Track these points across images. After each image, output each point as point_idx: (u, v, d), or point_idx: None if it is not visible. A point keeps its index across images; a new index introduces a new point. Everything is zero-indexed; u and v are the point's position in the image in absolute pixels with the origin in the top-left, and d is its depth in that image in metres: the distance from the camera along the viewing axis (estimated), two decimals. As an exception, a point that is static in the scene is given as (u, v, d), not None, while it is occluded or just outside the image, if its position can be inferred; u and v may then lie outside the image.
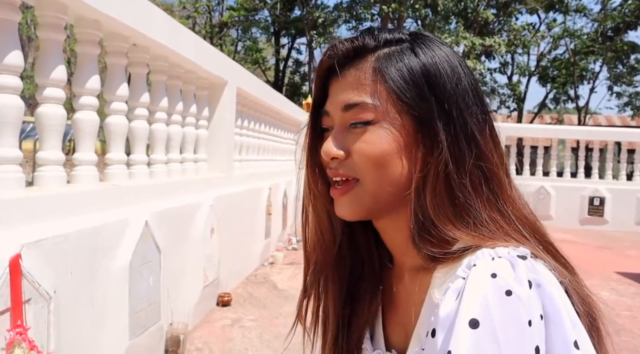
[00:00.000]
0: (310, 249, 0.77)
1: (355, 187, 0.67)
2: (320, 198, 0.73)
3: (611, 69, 21.35)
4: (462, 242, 0.61)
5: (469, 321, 0.52)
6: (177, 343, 3.12)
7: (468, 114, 0.65)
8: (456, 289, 0.56)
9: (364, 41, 0.67)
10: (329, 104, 0.69)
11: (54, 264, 2.02)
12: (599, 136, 10.71)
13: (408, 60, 0.65)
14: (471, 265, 0.57)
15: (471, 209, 0.62)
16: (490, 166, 0.65)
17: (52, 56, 2.39)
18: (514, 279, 0.53)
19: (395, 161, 0.64)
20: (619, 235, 9.36)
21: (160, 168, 3.51)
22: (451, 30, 18.02)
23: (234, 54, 21.81)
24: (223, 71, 4.50)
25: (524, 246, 0.59)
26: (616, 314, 4.52)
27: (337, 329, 0.79)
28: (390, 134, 0.64)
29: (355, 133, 0.66)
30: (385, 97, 0.64)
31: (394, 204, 0.67)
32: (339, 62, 0.68)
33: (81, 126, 2.65)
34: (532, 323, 0.51)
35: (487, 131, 0.67)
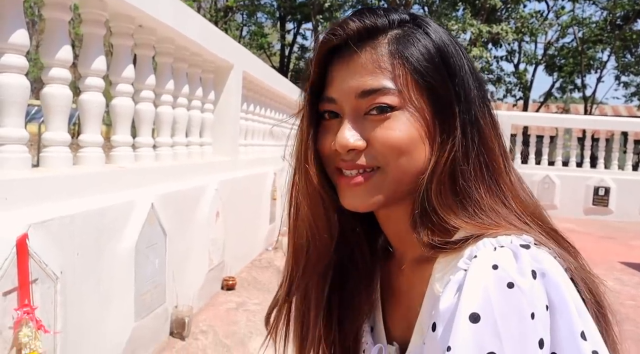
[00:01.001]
0: (301, 248, 0.70)
1: (375, 176, 0.63)
2: (317, 192, 0.67)
3: (619, 58, 21.11)
4: (463, 230, 0.59)
5: (470, 315, 0.50)
6: (182, 326, 3.13)
7: (472, 98, 0.63)
8: (457, 281, 0.54)
9: (376, 20, 0.63)
10: (335, 90, 0.64)
11: (60, 245, 2.02)
12: (605, 126, 10.62)
13: (424, 41, 0.63)
14: (472, 256, 0.55)
15: (472, 197, 0.61)
16: (491, 152, 0.63)
17: (58, 36, 2.36)
18: (516, 271, 0.51)
19: (419, 148, 0.62)
20: (624, 225, 9.33)
21: (166, 151, 3.50)
22: (458, 17, 17.82)
23: (239, 38, 21.66)
24: (229, 55, 4.46)
25: (527, 233, 0.57)
26: (620, 303, 4.52)
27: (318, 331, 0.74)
28: (414, 119, 0.61)
29: (374, 121, 0.62)
30: (407, 81, 0.61)
31: (407, 191, 0.64)
32: (347, 43, 0.63)
33: (87, 108, 2.63)
34: (535, 315, 0.50)
35: (488, 116, 0.65)
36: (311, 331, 0.74)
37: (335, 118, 0.65)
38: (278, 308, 0.74)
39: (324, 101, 0.66)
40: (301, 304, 0.74)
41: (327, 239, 0.69)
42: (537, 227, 0.60)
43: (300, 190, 0.68)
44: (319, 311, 0.74)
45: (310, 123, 0.67)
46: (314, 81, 0.66)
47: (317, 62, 0.66)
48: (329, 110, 0.65)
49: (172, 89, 3.53)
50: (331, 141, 0.64)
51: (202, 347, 3.12)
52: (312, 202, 0.67)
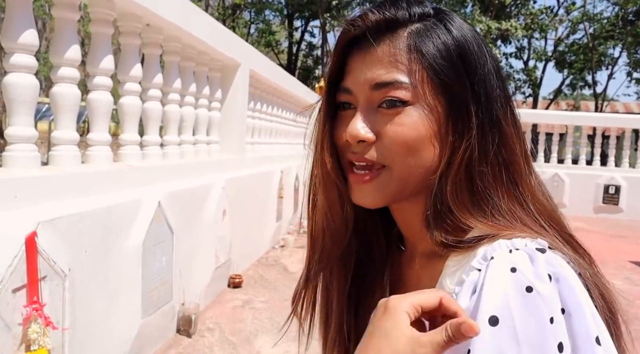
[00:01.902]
0: (317, 235, 0.71)
1: (381, 174, 0.62)
2: (332, 182, 0.67)
3: (631, 54, 20.83)
4: (476, 230, 0.59)
5: (489, 318, 0.50)
6: (188, 323, 3.16)
7: (493, 98, 0.62)
8: (472, 282, 0.54)
9: (396, 13, 0.62)
10: (351, 81, 0.64)
11: (68, 243, 2.05)
12: (616, 123, 10.51)
13: (444, 37, 0.62)
14: (487, 257, 0.54)
15: (490, 198, 0.60)
16: (511, 153, 0.62)
17: (67, 35, 2.39)
18: (534, 275, 0.51)
19: (428, 146, 0.61)
20: (634, 224, 9.24)
21: (173, 149, 3.52)
22: (467, 13, 17.71)
23: (247, 36, 21.67)
24: (236, 53, 4.47)
25: (541, 237, 0.56)
26: (629, 303, 4.48)
27: (342, 319, 0.75)
28: (425, 117, 0.60)
29: (386, 114, 0.61)
30: (422, 77, 0.60)
31: (418, 189, 0.64)
32: (365, 34, 0.62)
33: (95, 106, 2.66)
34: (555, 319, 0.50)
35: (510, 116, 0.64)
36: (334, 319, 0.76)
37: (350, 109, 0.65)
38: (299, 293, 0.75)
39: (341, 90, 0.66)
40: (325, 290, 0.76)
41: (341, 228, 0.69)
42: (553, 231, 0.59)
43: (317, 180, 0.69)
44: (342, 300, 0.75)
45: (327, 113, 0.67)
46: (333, 71, 0.66)
47: (336, 53, 0.66)
48: (344, 100, 0.66)
49: (179, 88, 3.55)
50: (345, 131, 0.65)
51: (209, 344, 3.14)
52: (327, 192, 0.68)
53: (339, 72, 0.66)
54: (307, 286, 0.74)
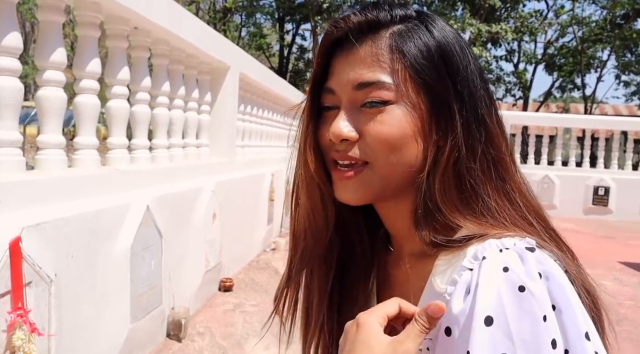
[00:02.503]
0: (299, 234, 0.72)
1: (364, 170, 0.64)
2: (314, 181, 0.68)
3: (619, 57, 21.07)
4: (465, 229, 0.59)
5: (485, 319, 0.51)
6: (178, 327, 3.14)
7: (477, 98, 0.63)
8: (465, 282, 0.54)
9: (378, 15, 0.64)
10: (334, 82, 0.65)
11: (54, 248, 2.02)
12: (605, 125, 10.61)
13: (425, 38, 0.63)
14: (478, 256, 0.55)
15: (478, 195, 0.61)
16: (498, 151, 0.64)
17: (52, 38, 2.37)
18: (525, 274, 0.52)
19: (411, 144, 0.62)
20: (623, 225, 9.32)
21: (162, 153, 3.50)
22: (457, 16, 17.82)
23: (238, 39, 21.65)
24: (225, 56, 4.46)
25: (529, 235, 0.57)
26: (618, 303, 4.51)
27: (323, 318, 0.76)
28: (408, 115, 0.61)
29: (368, 113, 0.62)
30: (404, 76, 0.61)
31: (402, 187, 0.64)
32: (348, 36, 0.64)
33: (82, 110, 2.64)
34: (547, 317, 0.51)
35: (494, 116, 0.65)
36: (314, 317, 0.76)
37: (334, 109, 0.66)
38: (281, 292, 0.76)
39: (324, 91, 0.67)
40: (306, 289, 0.77)
41: (322, 227, 0.70)
42: (540, 228, 0.61)
43: (300, 179, 0.70)
44: (322, 298, 0.76)
45: (310, 113, 0.68)
46: (317, 73, 0.68)
47: (319, 54, 0.67)
48: (328, 101, 0.67)
49: (168, 91, 3.53)
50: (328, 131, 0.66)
51: (199, 349, 3.12)
52: (310, 191, 0.69)
53: (322, 73, 0.67)
54: (289, 285, 0.75)
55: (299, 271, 0.74)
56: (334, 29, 0.65)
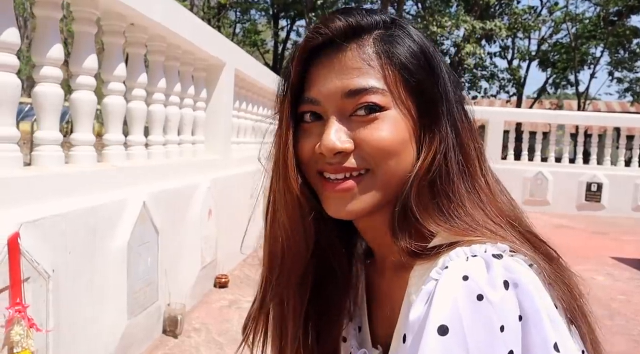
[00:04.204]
0: (276, 255, 0.67)
1: (364, 180, 0.61)
2: (296, 197, 0.63)
3: (612, 54, 21.19)
4: (439, 236, 0.58)
5: (438, 328, 0.49)
6: (175, 323, 3.15)
7: (451, 99, 0.63)
8: (428, 291, 0.53)
9: (360, 20, 0.62)
10: (318, 91, 0.61)
11: (52, 244, 2.03)
12: (598, 122, 10.67)
13: (408, 42, 0.62)
14: (445, 266, 0.54)
15: (450, 199, 0.59)
16: (467, 153, 0.62)
17: (49, 34, 2.36)
18: (487, 282, 0.50)
19: (408, 149, 0.60)
20: (616, 221, 9.40)
21: (158, 149, 3.50)
22: (451, 13, 17.84)
23: (232, 36, 21.58)
24: (221, 52, 4.46)
25: (502, 240, 0.55)
26: (611, 298, 4.57)
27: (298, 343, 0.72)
28: (404, 120, 0.60)
29: (361, 122, 0.60)
30: (396, 80, 0.60)
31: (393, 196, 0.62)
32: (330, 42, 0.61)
33: (78, 106, 2.64)
34: (505, 327, 0.49)
35: (464, 117, 0.64)
36: (290, 343, 0.72)
37: (315, 120, 0.63)
38: (253, 319, 0.72)
39: (304, 102, 0.63)
40: (279, 315, 0.72)
41: (303, 247, 0.66)
42: (512, 230, 0.59)
43: (278, 196, 0.65)
44: (298, 322, 0.72)
45: (290, 126, 0.64)
46: (295, 83, 0.63)
47: (298, 62, 0.63)
48: (310, 111, 0.63)
49: (164, 88, 3.53)
50: (313, 144, 0.62)
51: (195, 345, 3.13)
52: (291, 209, 0.64)
53: (299, 82, 0.63)
54: (262, 311, 0.71)
55: (276, 296, 0.69)
56: (316, 35, 0.61)
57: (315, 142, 0.62)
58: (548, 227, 4.51)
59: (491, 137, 9.94)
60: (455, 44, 18.90)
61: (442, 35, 17.04)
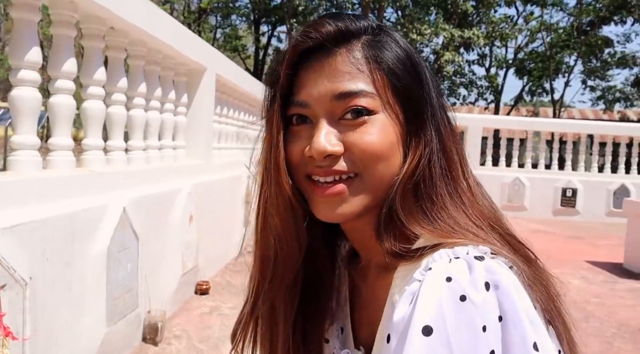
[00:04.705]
0: (267, 260, 0.67)
1: (353, 183, 0.61)
2: (289, 201, 0.64)
3: (585, 63, 21.73)
4: (423, 238, 0.59)
5: (422, 328, 0.50)
6: (155, 331, 3.11)
7: (436, 104, 0.64)
8: (411, 292, 0.54)
9: (348, 25, 0.62)
10: (307, 94, 0.62)
11: (29, 250, 1.99)
12: (572, 129, 10.93)
13: (395, 48, 0.63)
14: (428, 267, 0.54)
15: (433, 202, 0.61)
16: (449, 157, 0.64)
17: (27, 37, 2.32)
18: (469, 283, 0.51)
19: (396, 153, 0.61)
20: (590, 225, 9.61)
21: (138, 155, 3.47)
22: (431, 21, 18.08)
23: (213, 41, 21.49)
24: (202, 57, 4.44)
25: (483, 242, 0.57)
26: (585, 301, 4.66)
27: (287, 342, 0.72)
28: (391, 124, 0.61)
29: (350, 125, 0.60)
30: (384, 85, 0.61)
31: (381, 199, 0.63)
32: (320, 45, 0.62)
33: (57, 110, 2.60)
34: (487, 328, 0.50)
35: (447, 122, 0.66)
36: (280, 346, 0.73)
37: (304, 123, 0.63)
38: (244, 324, 0.72)
39: (293, 105, 0.63)
40: (270, 320, 0.72)
41: (296, 250, 0.66)
42: (493, 233, 0.60)
43: (269, 199, 0.65)
44: (288, 325, 0.72)
45: (280, 130, 0.64)
46: (285, 85, 0.63)
47: (288, 65, 0.63)
48: (299, 114, 0.63)
49: (144, 92, 3.50)
50: (301, 147, 0.62)
51: (176, 352, 3.09)
52: (283, 212, 0.64)
53: (288, 86, 0.64)
54: (254, 316, 0.71)
55: (267, 300, 0.69)
56: (306, 38, 0.62)
57: (304, 145, 0.62)
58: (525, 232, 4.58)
59: (470, 143, 10.08)
60: (434, 52, 19.17)
61: (421, 42, 17.27)
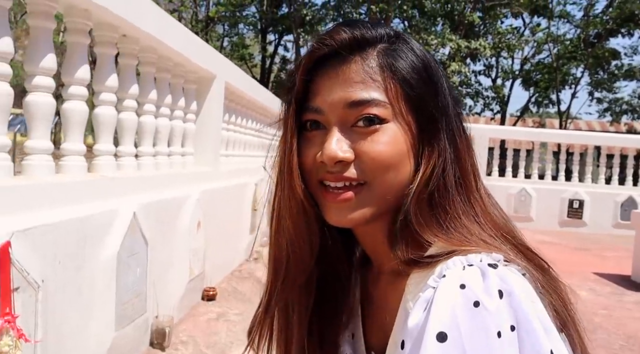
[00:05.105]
0: (281, 262, 0.68)
1: (362, 191, 0.62)
2: (301, 205, 0.65)
3: (592, 74, 21.72)
4: (436, 246, 0.60)
5: (437, 334, 0.50)
6: (162, 336, 3.11)
7: (452, 113, 0.64)
8: (426, 299, 0.54)
9: (365, 33, 0.63)
10: (321, 100, 0.63)
11: (42, 253, 2.01)
12: (579, 140, 10.91)
13: (411, 55, 0.63)
14: (442, 274, 0.55)
15: (447, 212, 0.61)
16: (463, 168, 0.64)
17: (42, 44, 2.37)
18: (483, 290, 0.51)
19: (406, 163, 0.62)
20: (597, 237, 9.56)
21: (148, 161, 3.50)
22: (437, 31, 18.16)
23: (220, 49, 21.65)
24: (212, 65, 4.49)
25: (496, 251, 0.57)
26: (593, 313, 4.63)
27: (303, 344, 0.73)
28: (403, 133, 0.61)
29: (362, 133, 0.61)
30: (397, 94, 0.61)
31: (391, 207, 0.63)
32: (335, 53, 0.63)
33: (70, 116, 2.63)
34: (502, 334, 0.49)
35: (462, 132, 0.66)
36: (295, 348, 0.73)
37: (318, 129, 0.64)
38: (258, 323, 0.73)
39: (308, 111, 0.64)
40: (285, 320, 0.73)
41: (307, 253, 0.67)
42: (506, 242, 0.60)
43: (282, 203, 0.66)
44: (303, 328, 0.73)
45: (294, 134, 0.65)
46: (300, 91, 0.65)
47: (303, 71, 0.64)
48: (312, 120, 0.64)
49: (154, 99, 3.54)
50: (314, 153, 0.63)
51: (183, 357, 3.10)
52: (295, 215, 0.65)
53: (303, 91, 0.65)
54: (268, 316, 0.72)
55: (280, 300, 0.71)
56: (321, 45, 0.63)
57: (317, 150, 0.63)
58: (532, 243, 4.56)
59: (476, 153, 10.01)
60: (440, 62, 19.05)
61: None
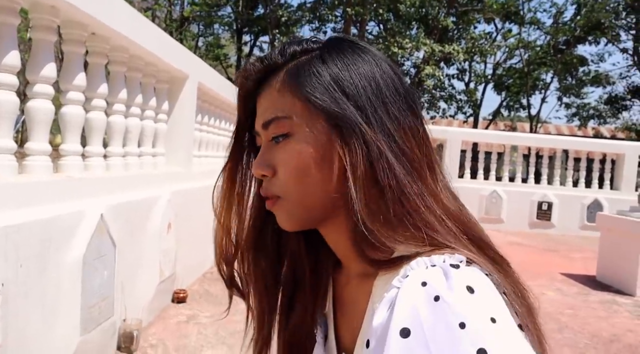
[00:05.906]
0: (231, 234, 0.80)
1: (279, 203, 0.67)
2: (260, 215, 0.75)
3: (561, 80, 22.29)
4: (401, 246, 0.60)
5: (400, 331, 0.51)
6: (130, 340, 3.06)
7: (384, 113, 0.64)
8: (390, 298, 0.56)
9: (272, 58, 0.68)
10: (256, 124, 0.70)
11: (3, 256, 1.96)
12: (548, 144, 11.17)
13: (316, 68, 0.65)
14: (406, 275, 0.56)
15: (403, 212, 0.61)
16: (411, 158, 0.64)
17: (6, 41, 2.30)
18: (444, 287, 0.53)
19: (316, 170, 0.64)
20: (565, 238, 9.80)
21: (117, 161, 3.44)
22: (412, 35, 18.37)
23: (195, 49, 21.43)
24: (184, 65, 4.44)
25: (459, 251, 0.58)
26: (560, 312, 4.74)
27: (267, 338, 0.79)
28: (309, 143, 0.64)
29: (277, 148, 0.66)
30: (299, 107, 0.64)
31: (330, 211, 0.66)
32: (255, 82, 0.70)
33: (35, 115, 2.57)
34: (467, 325, 0.50)
35: (408, 129, 0.65)
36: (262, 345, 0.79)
37: None
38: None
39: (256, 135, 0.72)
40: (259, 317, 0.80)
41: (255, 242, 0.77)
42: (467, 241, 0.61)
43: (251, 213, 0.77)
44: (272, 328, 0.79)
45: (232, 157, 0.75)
46: (241, 119, 0.74)
47: (238, 103, 0.73)
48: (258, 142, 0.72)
49: (124, 98, 3.48)
50: None
51: (151, 361, 3.05)
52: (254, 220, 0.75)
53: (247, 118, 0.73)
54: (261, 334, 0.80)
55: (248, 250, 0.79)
56: (244, 80, 0.71)
57: None
58: (503, 244, 4.66)
59: (449, 155, 10.21)
60: (415, 66, 19.44)
61: (402, 56, 17.50)
